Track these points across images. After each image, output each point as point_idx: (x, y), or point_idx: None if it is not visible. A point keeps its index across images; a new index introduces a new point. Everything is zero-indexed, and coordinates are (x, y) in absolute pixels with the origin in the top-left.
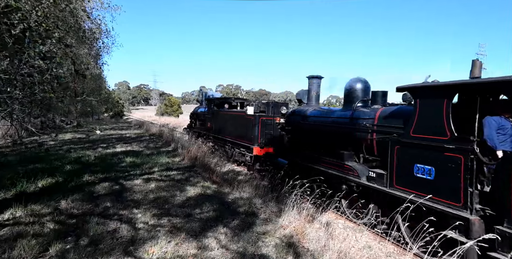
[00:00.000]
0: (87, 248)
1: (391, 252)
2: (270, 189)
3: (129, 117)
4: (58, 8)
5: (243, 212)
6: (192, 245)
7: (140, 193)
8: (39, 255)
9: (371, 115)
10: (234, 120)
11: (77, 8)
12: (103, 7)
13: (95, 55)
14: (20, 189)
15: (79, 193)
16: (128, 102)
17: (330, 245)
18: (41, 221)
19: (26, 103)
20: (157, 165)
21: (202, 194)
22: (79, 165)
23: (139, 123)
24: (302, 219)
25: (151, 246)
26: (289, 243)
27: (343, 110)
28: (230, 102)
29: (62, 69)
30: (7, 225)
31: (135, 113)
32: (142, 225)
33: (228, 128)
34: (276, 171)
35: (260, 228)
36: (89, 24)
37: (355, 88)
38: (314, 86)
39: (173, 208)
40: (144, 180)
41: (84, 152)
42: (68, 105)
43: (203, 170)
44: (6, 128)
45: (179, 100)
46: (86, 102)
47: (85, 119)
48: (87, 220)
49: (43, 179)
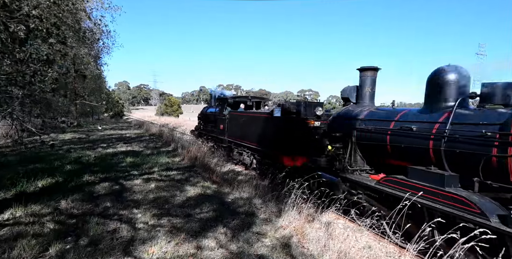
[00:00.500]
0: (87, 248)
1: (391, 252)
2: (271, 189)
3: (129, 117)
4: (58, 9)
5: (243, 212)
6: (192, 245)
7: (140, 193)
8: (39, 255)
9: (493, 120)
10: (255, 123)
11: (77, 8)
12: (104, 7)
13: (95, 55)
14: (20, 189)
15: (79, 193)
16: (128, 102)
17: (330, 245)
18: (41, 221)
19: (26, 103)
20: (157, 165)
21: (202, 194)
22: (79, 165)
23: (139, 123)
24: (302, 219)
25: (151, 246)
26: (289, 243)
27: (427, 112)
28: (246, 102)
29: (62, 69)
30: (7, 225)
31: (135, 113)
32: (142, 225)
33: (247, 132)
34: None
35: (260, 228)
36: (89, 24)
37: (448, 80)
38: (368, 81)
39: (173, 208)
40: (144, 180)
41: (84, 152)
42: (68, 105)
43: (203, 170)
44: (6, 128)
45: (179, 100)
46: (86, 103)
47: (85, 119)
48: (87, 220)
49: (43, 179)
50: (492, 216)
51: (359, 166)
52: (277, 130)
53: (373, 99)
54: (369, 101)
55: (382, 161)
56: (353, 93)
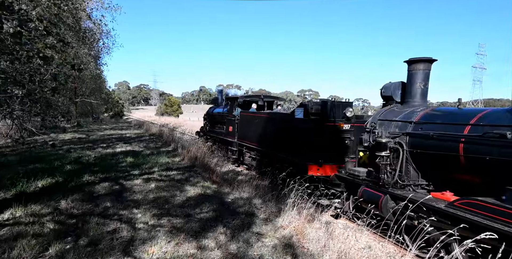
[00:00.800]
0: (86, 248)
1: (391, 252)
2: (271, 189)
3: (129, 117)
4: (59, 10)
5: (243, 212)
6: (192, 245)
7: (140, 193)
8: (39, 255)
9: None
10: (272, 125)
11: (77, 7)
12: (104, 7)
13: (95, 55)
14: (20, 189)
15: (79, 193)
16: (128, 102)
17: (330, 245)
18: (41, 221)
19: (26, 102)
20: (157, 165)
21: (202, 194)
22: (79, 165)
23: (139, 123)
24: (302, 219)
25: (151, 246)
26: (289, 243)
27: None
28: (257, 102)
29: (62, 69)
30: (7, 225)
31: (135, 113)
32: (142, 225)
33: (261, 135)
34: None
35: (260, 228)
36: (89, 24)
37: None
38: (420, 76)
39: (173, 208)
40: (144, 180)
41: (84, 152)
42: (68, 105)
43: (203, 170)
44: (7, 128)
45: (179, 100)
46: (86, 102)
47: (85, 120)
48: (87, 220)
49: (43, 179)
50: None
51: (412, 179)
52: (300, 134)
53: (425, 97)
54: (421, 100)
55: (448, 175)
56: (397, 91)
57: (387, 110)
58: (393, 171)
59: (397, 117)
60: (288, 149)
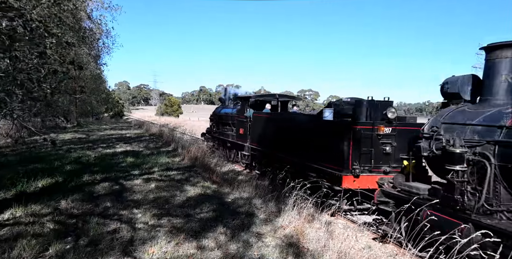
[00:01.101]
0: (87, 248)
1: (391, 252)
2: (271, 189)
3: (129, 117)
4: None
5: (243, 212)
6: (192, 245)
7: (140, 193)
8: (39, 255)
9: None
10: (293, 128)
11: (77, 7)
12: (104, 7)
13: (95, 55)
14: (20, 189)
15: (79, 193)
16: (128, 102)
17: (330, 245)
18: (41, 221)
19: (26, 101)
20: (157, 165)
21: (202, 194)
22: (79, 165)
23: (139, 124)
24: (302, 219)
25: (151, 246)
26: (289, 243)
27: None
28: (271, 101)
29: (61, 68)
30: (7, 225)
31: (135, 114)
32: (142, 225)
33: (280, 139)
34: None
35: (260, 228)
36: (89, 24)
37: None
38: (506, 65)
39: (173, 208)
40: (144, 180)
41: (84, 152)
42: (68, 105)
43: (203, 170)
44: (7, 128)
45: (179, 100)
46: (86, 102)
47: (85, 119)
48: (87, 220)
49: (43, 179)
50: None
51: (505, 204)
52: (329, 139)
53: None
54: (506, 98)
55: None
56: (466, 86)
57: (454, 110)
58: (475, 191)
59: (473, 121)
60: (314, 156)
